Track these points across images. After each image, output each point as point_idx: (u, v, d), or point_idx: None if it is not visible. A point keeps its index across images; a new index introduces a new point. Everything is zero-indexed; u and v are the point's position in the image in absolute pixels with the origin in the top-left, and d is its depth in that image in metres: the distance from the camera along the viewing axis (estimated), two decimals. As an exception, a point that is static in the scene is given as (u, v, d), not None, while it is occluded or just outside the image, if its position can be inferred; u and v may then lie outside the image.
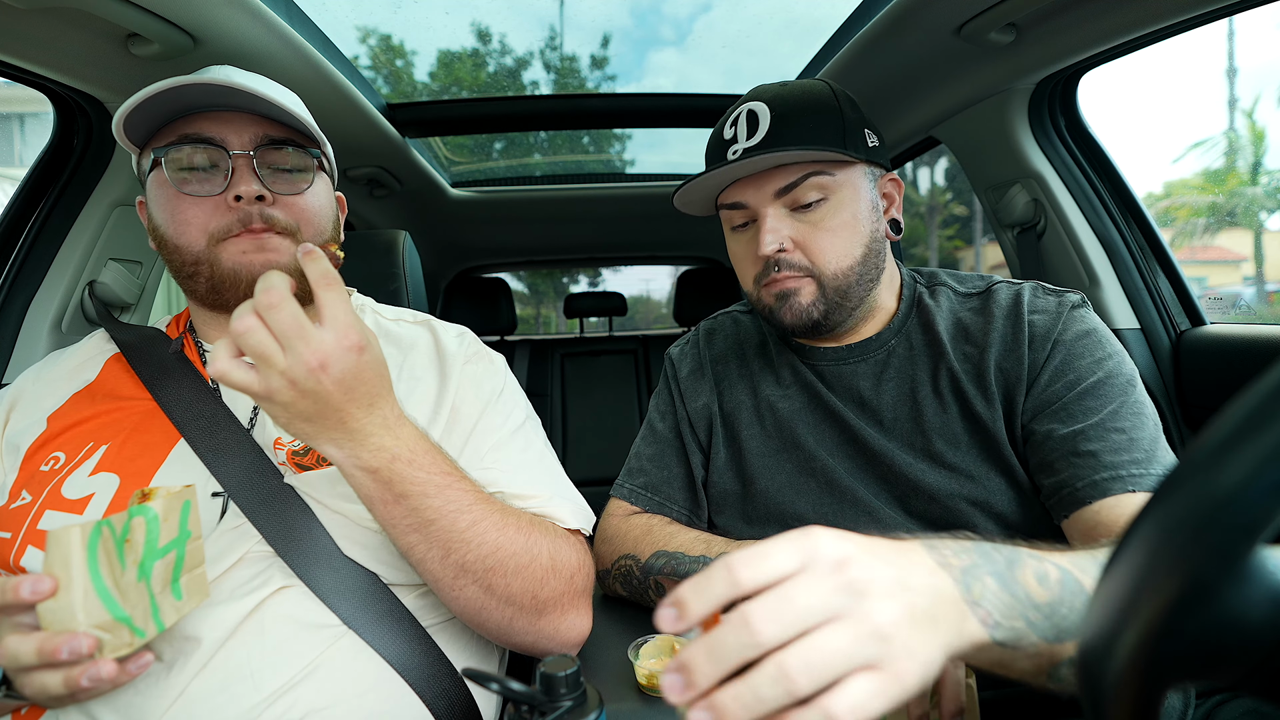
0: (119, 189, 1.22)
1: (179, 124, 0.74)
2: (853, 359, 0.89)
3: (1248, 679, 0.27)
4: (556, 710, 0.49)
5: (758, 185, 0.82)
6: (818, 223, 0.81)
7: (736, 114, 0.83)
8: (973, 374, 0.81)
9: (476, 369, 0.85)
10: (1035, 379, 0.78)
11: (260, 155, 0.75)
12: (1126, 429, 0.73)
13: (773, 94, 0.82)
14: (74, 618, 0.50)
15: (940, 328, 0.85)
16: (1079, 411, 0.75)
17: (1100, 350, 0.78)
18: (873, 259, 0.84)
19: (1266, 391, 0.25)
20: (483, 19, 2.27)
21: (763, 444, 0.91)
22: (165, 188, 0.74)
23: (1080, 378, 0.76)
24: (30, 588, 0.49)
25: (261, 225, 0.74)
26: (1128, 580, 0.27)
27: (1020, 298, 0.83)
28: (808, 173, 0.80)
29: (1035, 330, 0.79)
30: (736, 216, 0.87)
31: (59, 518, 0.66)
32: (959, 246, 18.23)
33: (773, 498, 0.88)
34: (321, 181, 0.82)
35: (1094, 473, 0.72)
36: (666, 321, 10.98)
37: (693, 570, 0.82)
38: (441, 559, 0.64)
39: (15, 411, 0.76)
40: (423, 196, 2.14)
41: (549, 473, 0.83)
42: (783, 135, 0.79)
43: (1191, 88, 32.18)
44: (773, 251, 0.81)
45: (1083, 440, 0.73)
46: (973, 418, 0.80)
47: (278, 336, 0.54)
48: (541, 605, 0.71)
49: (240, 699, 0.61)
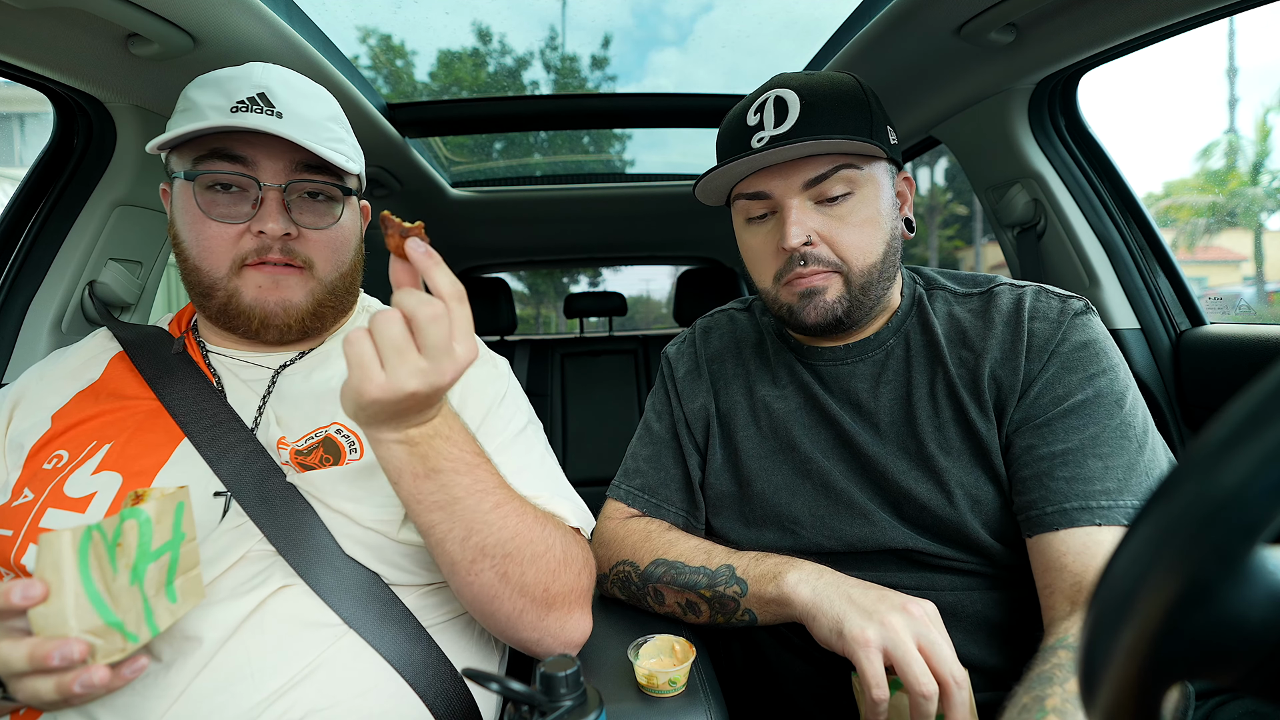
0: (119, 189, 1.22)
1: (214, 137, 0.74)
2: (851, 359, 0.87)
3: (1248, 679, 0.27)
4: (556, 710, 0.49)
5: (784, 175, 0.79)
6: (844, 217, 0.79)
7: (763, 100, 0.80)
8: (968, 380, 0.80)
9: (480, 372, 0.85)
10: (1027, 390, 0.77)
11: (291, 187, 0.75)
12: (1104, 455, 0.72)
13: (801, 82, 0.79)
14: (65, 623, 0.49)
15: (938, 330, 0.84)
16: (1061, 431, 0.74)
17: (1095, 365, 0.76)
18: (892, 256, 0.82)
19: (1266, 391, 0.25)
20: (483, 19, 2.28)
21: (758, 445, 0.91)
22: (192, 205, 0.74)
23: (1068, 393, 0.75)
24: (21, 593, 0.49)
25: (279, 257, 0.75)
26: (1127, 580, 0.27)
27: (1022, 303, 0.81)
28: (838, 165, 0.77)
29: (1034, 339, 0.78)
30: (756, 207, 0.83)
31: (61, 516, 0.66)
32: (959, 246, 18.23)
33: (770, 499, 0.88)
34: (349, 210, 0.82)
35: (1064, 500, 0.71)
36: (666, 321, 10.97)
37: (693, 580, 0.82)
38: (463, 540, 0.64)
39: (19, 410, 0.76)
40: (423, 196, 2.14)
41: (550, 475, 0.83)
42: (814, 124, 0.76)
43: (1191, 88, 32.18)
44: (799, 244, 0.78)
45: (1060, 464, 0.73)
46: (966, 425, 0.79)
47: (430, 348, 0.54)
48: (551, 599, 0.71)
49: (241, 699, 0.61)
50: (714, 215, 2.71)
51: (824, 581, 0.72)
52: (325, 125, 0.77)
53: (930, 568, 0.80)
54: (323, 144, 0.75)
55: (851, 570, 0.77)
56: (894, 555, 0.82)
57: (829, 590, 0.71)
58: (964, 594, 0.79)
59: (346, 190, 0.80)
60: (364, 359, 0.54)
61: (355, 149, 0.84)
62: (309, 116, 0.75)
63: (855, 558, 0.83)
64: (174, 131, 0.71)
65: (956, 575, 0.79)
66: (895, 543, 0.81)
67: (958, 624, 0.77)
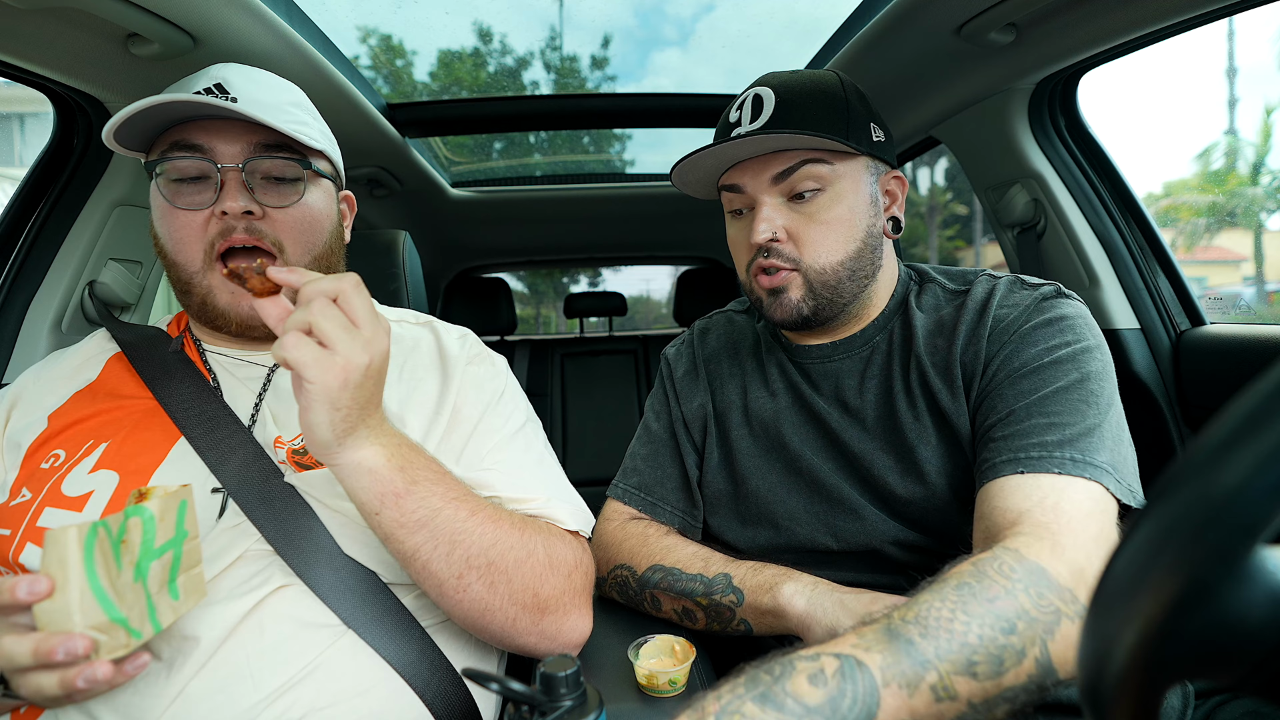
0: (119, 189, 1.22)
1: (172, 131, 0.75)
2: (838, 356, 0.89)
3: (1248, 679, 0.27)
4: (556, 710, 0.49)
5: (756, 170, 0.81)
6: (812, 214, 0.80)
7: (744, 98, 0.83)
8: (941, 368, 0.80)
9: (478, 371, 0.85)
10: (986, 368, 0.76)
11: (250, 167, 0.75)
12: (1051, 414, 0.69)
13: (780, 80, 0.82)
14: (70, 619, 0.50)
15: (917, 324, 0.84)
16: (1009, 395, 0.72)
17: (1060, 337, 0.74)
18: (867, 255, 0.83)
19: (1266, 391, 0.25)
20: (483, 19, 2.28)
21: (751, 444, 0.91)
22: (159, 199, 0.75)
23: (1024, 364, 0.73)
24: (27, 588, 0.49)
25: (245, 238, 0.74)
26: (1127, 580, 0.27)
27: (993, 293, 0.81)
28: (804, 159, 0.79)
29: (998, 324, 0.78)
30: (735, 200, 0.86)
31: (58, 515, 0.66)
32: (959, 246, 18.23)
33: (763, 498, 0.88)
34: (317, 190, 0.80)
35: (997, 455, 0.69)
36: (666, 321, 10.97)
37: (690, 588, 0.82)
38: (447, 555, 0.64)
39: (17, 410, 0.76)
40: (423, 196, 2.14)
41: (549, 475, 0.83)
42: (784, 120, 0.78)
43: (1191, 88, 32.18)
44: (765, 239, 0.80)
45: (1001, 424, 0.71)
46: (939, 412, 0.79)
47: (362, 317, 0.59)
48: (543, 604, 0.71)
49: (239, 699, 0.61)
50: (714, 215, 2.71)
51: (818, 591, 0.73)
52: (285, 109, 0.77)
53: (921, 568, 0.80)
54: (281, 123, 0.74)
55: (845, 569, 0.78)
56: (884, 554, 0.82)
57: (823, 599, 0.71)
58: None
59: (310, 167, 0.78)
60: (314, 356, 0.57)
61: (324, 134, 0.83)
62: (266, 101, 0.75)
63: (848, 556, 0.84)
64: (119, 115, 0.70)
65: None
66: (885, 537, 0.81)
67: None
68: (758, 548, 0.88)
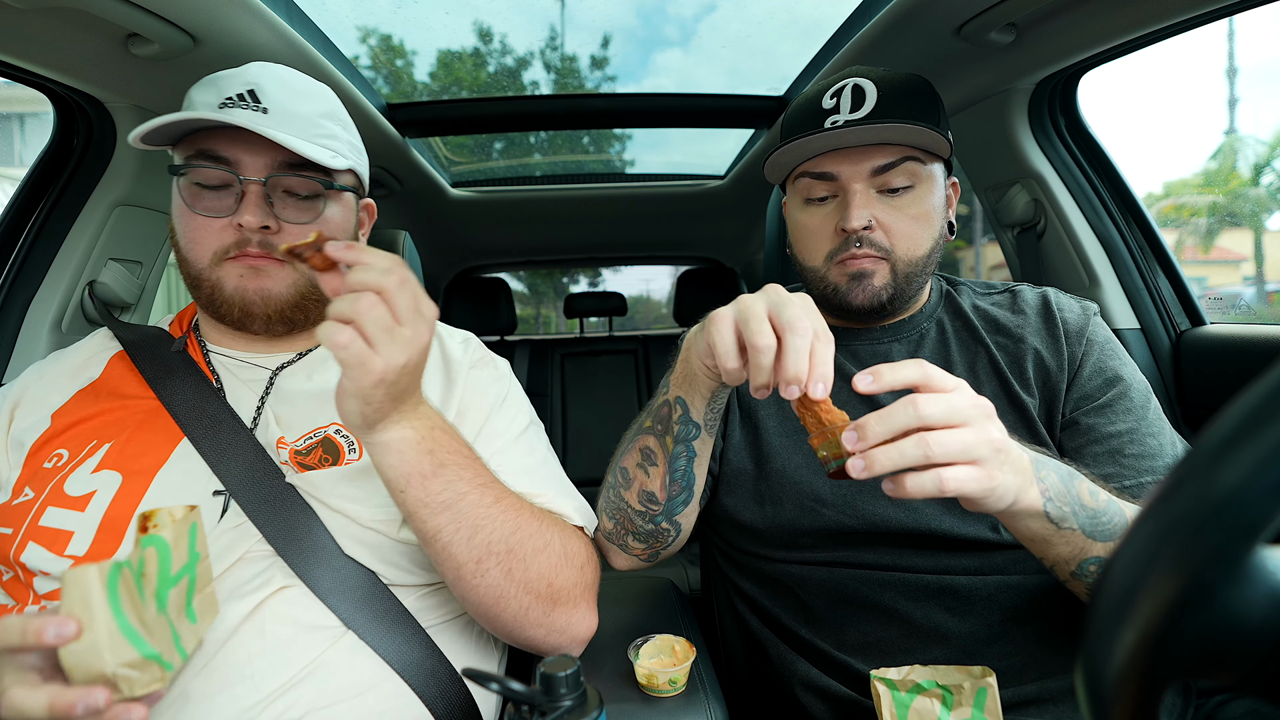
0: (119, 189, 1.22)
1: (200, 136, 0.75)
2: (887, 339, 0.91)
3: (1248, 679, 0.27)
4: (556, 710, 0.49)
5: (854, 160, 0.82)
6: (903, 208, 0.83)
7: (840, 86, 0.83)
8: (1010, 361, 0.85)
9: (482, 374, 0.85)
10: (1077, 372, 0.83)
11: (272, 182, 0.75)
12: (1156, 434, 0.80)
13: (878, 75, 0.83)
14: (100, 659, 0.47)
15: (971, 316, 0.90)
16: (1121, 412, 0.81)
17: (1120, 358, 0.84)
18: (936, 252, 0.87)
19: (1266, 392, 0.25)
20: (483, 19, 2.26)
21: (781, 424, 0.91)
22: (179, 200, 0.76)
23: (1115, 379, 0.82)
24: (55, 631, 0.46)
25: (258, 250, 0.75)
26: (1128, 580, 0.27)
27: (1048, 297, 0.89)
28: (906, 156, 0.81)
29: (1069, 326, 0.85)
30: (819, 188, 0.85)
31: (60, 514, 0.66)
32: (959, 246, 18.19)
33: (789, 477, 0.87)
34: (337, 205, 0.81)
35: (1138, 475, 0.78)
36: (666, 321, 10.96)
37: (636, 426, 0.83)
38: (469, 539, 0.64)
39: (20, 409, 0.76)
40: (423, 196, 2.14)
41: (553, 475, 0.83)
42: (890, 112, 0.79)
43: (1191, 88, 32.18)
44: (859, 227, 0.81)
45: (1128, 442, 0.79)
46: (1012, 397, 0.83)
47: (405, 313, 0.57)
48: (556, 594, 0.71)
49: (240, 699, 0.61)
50: (714, 215, 2.72)
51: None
52: (316, 121, 0.78)
53: (948, 548, 0.80)
54: (311, 140, 0.75)
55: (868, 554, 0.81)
56: (914, 537, 0.81)
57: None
58: (977, 579, 0.79)
59: (333, 186, 0.79)
60: (354, 355, 0.55)
61: (352, 146, 0.83)
62: (298, 112, 0.75)
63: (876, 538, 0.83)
64: (148, 124, 0.71)
65: (974, 556, 0.80)
66: (920, 522, 0.81)
67: (971, 610, 0.78)
68: (775, 528, 0.86)
